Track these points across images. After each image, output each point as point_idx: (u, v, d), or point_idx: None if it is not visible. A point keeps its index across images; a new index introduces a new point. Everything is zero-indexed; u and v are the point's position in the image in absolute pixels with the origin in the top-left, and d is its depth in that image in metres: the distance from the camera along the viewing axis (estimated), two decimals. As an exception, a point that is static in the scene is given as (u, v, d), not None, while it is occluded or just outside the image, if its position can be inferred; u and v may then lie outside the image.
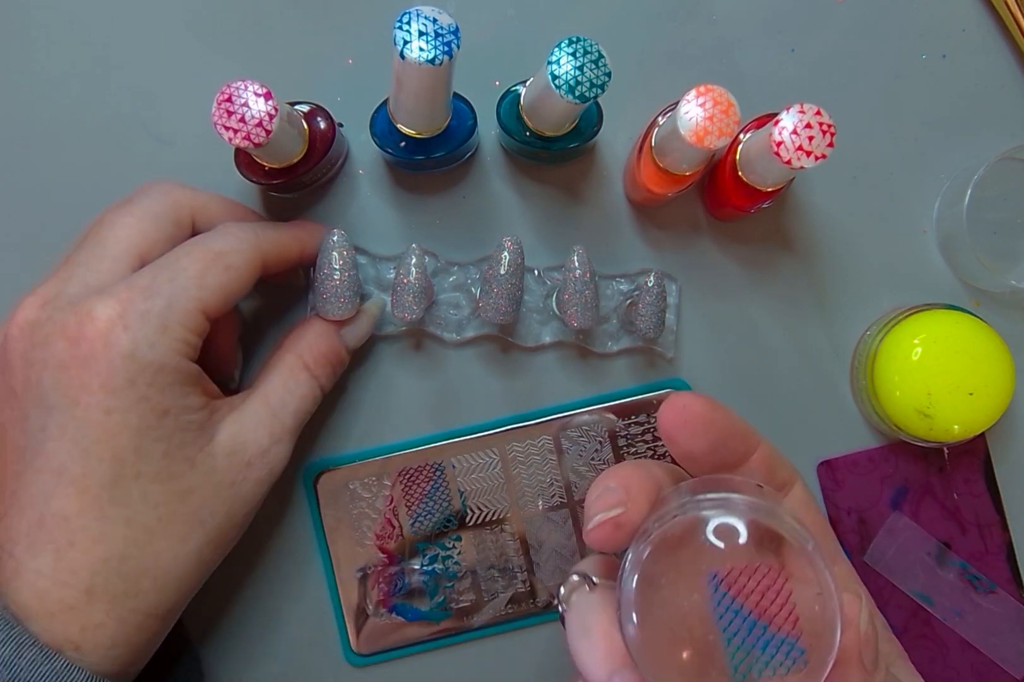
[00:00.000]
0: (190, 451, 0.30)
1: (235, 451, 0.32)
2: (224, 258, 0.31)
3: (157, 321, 0.29)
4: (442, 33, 0.29)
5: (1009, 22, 0.42)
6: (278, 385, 0.34)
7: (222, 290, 0.31)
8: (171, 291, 0.30)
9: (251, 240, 0.33)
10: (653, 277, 0.39)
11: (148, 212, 0.33)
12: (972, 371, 0.40)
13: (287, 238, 0.35)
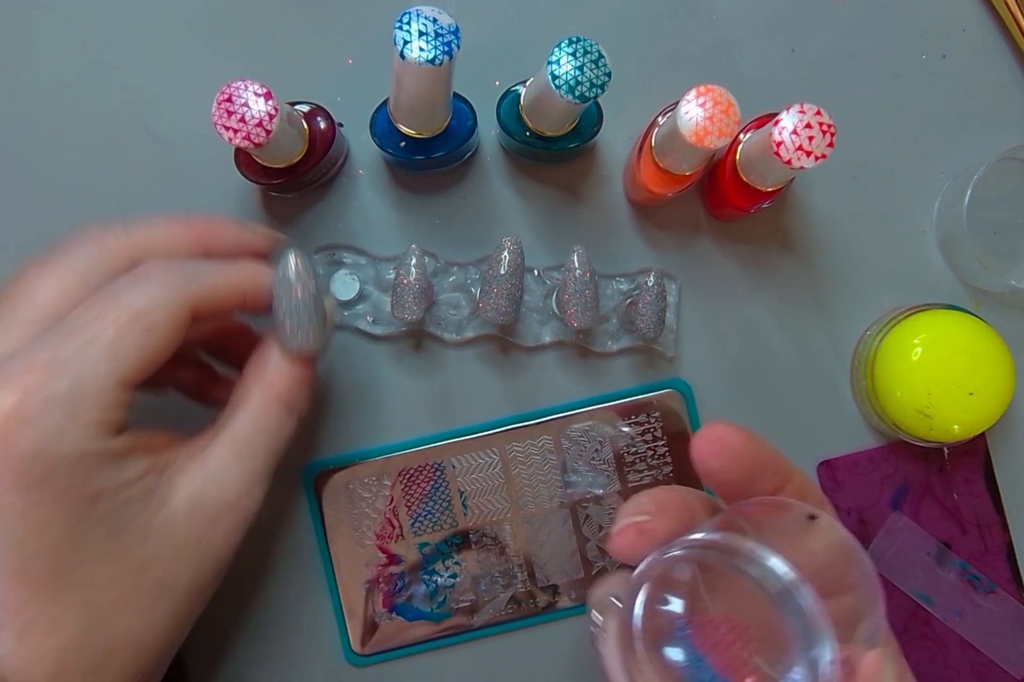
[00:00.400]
0: (139, 522, 0.27)
1: (196, 509, 0.28)
2: (143, 318, 0.27)
3: (64, 408, 0.25)
4: (442, 33, 0.29)
5: (1009, 22, 0.42)
6: (246, 425, 0.30)
7: (141, 357, 0.27)
8: (79, 368, 0.26)
9: (178, 288, 0.28)
10: (653, 276, 0.39)
11: (74, 266, 0.29)
12: (972, 371, 0.40)
13: (226, 280, 0.30)
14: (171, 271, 0.28)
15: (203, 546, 0.29)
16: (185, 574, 0.28)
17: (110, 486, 0.26)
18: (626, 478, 0.42)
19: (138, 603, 0.27)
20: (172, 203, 0.41)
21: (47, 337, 0.27)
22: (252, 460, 0.30)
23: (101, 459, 0.26)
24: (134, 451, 0.27)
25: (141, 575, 0.27)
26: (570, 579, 0.42)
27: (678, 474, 0.42)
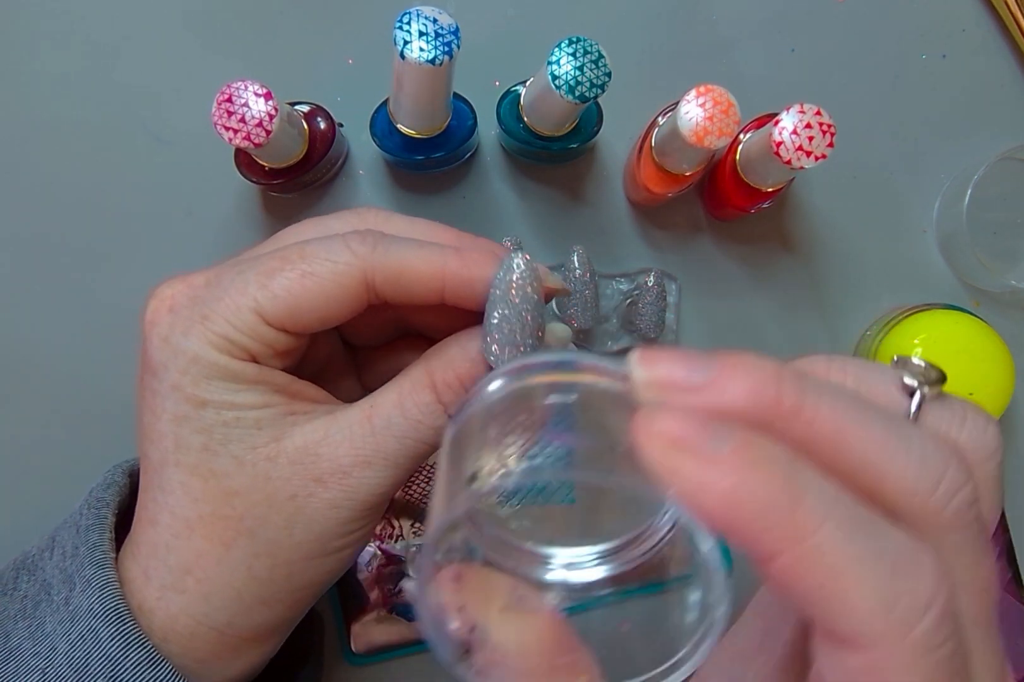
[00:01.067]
0: (237, 449, 0.26)
1: (302, 461, 0.26)
2: (307, 262, 0.26)
3: (201, 309, 0.26)
4: (442, 33, 0.29)
5: (1009, 22, 0.42)
6: (391, 400, 0.27)
7: (288, 298, 0.26)
8: (230, 283, 0.26)
9: (360, 252, 0.26)
10: (653, 276, 0.39)
11: (328, 227, 0.29)
12: (972, 371, 0.40)
13: (423, 259, 0.27)
14: (365, 234, 0.27)
15: (299, 502, 0.26)
16: (273, 523, 0.26)
17: (217, 400, 0.26)
18: (626, 478, 0.42)
19: (216, 532, 0.26)
20: (172, 203, 0.41)
21: (245, 256, 0.28)
22: (381, 437, 0.27)
23: (215, 371, 0.26)
24: (260, 383, 0.27)
25: (226, 504, 0.26)
26: (570, 579, 0.42)
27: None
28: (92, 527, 0.28)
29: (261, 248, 0.29)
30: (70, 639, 0.26)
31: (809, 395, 0.18)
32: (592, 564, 0.24)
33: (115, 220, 0.42)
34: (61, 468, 0.42)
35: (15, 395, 0.42)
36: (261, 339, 0.26)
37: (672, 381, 0.18)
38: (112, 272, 0.42)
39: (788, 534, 0.16)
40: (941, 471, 0.18)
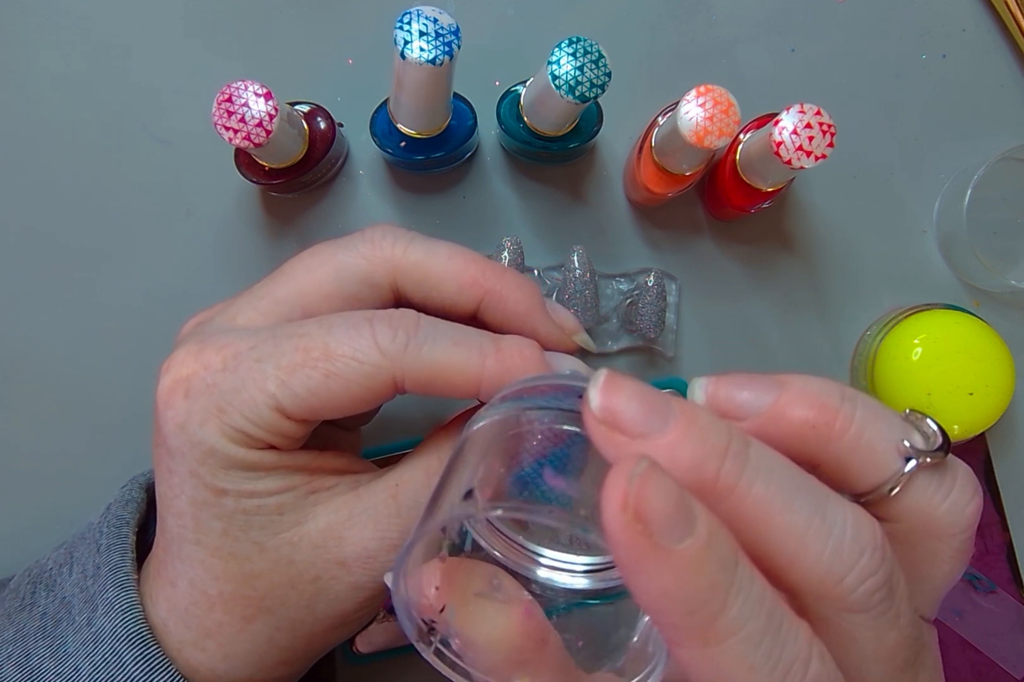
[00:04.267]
0: (259, 536, 0.25)
1: (325, 545, 0.25)
2: (331, 362, 0.24)
3: (217, 400, 0.25)
4: (443, 33, 0.29)
5: (1009, 22, 0.42)
6: (418, 479, 0.26)
7: (310, 398, 0.24)
8: (250, 375, 0.25)
9: (391, 352, 0.24)
10: (653, 276, 0.39)
11: (337, 259, 0.27)
12: (972, 371, 0.40)
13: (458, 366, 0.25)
14: (399, 328, 0.25)
15: (323, 585, 0.26)
16: (295, 603, 0.26)
17: (236, 490, 0.25)
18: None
19: (236, 608, 0.26)
20: (172, 203, 0.41)
21: (264, 330, 0.26)
22: (408, 519, 0.26)
23: (230, 463, 0.25)
24: (278, 469, 0.26)
25: (247, 585, 0.26)
26: (570, 579, 0.42)
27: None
28: (113, 547, 0.28)
29: (269, 285, 0.27)
30: (93, 662, 0.26)
31: (747, 474, 0.18)
32: (579, 572, 0.24)
33: (115, 220, 0.42)
34: (61, 469, 0.42)
35: (15, 395, 0.42)
36: (280, 432, 0.25)
37: (624, 419, 0.19)
38: (112, 272, 0.42)
39: (700, 636, 0.17)
40: (854, 560, 0.19)
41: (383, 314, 0.25)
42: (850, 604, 0.19)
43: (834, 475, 0.21)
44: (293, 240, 0.42)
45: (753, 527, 0.18)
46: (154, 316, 0.41)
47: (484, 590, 0.24)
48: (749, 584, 0.17)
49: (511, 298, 0.27)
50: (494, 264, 0.27)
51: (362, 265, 0.27)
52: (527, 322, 0.28)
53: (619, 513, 0.16)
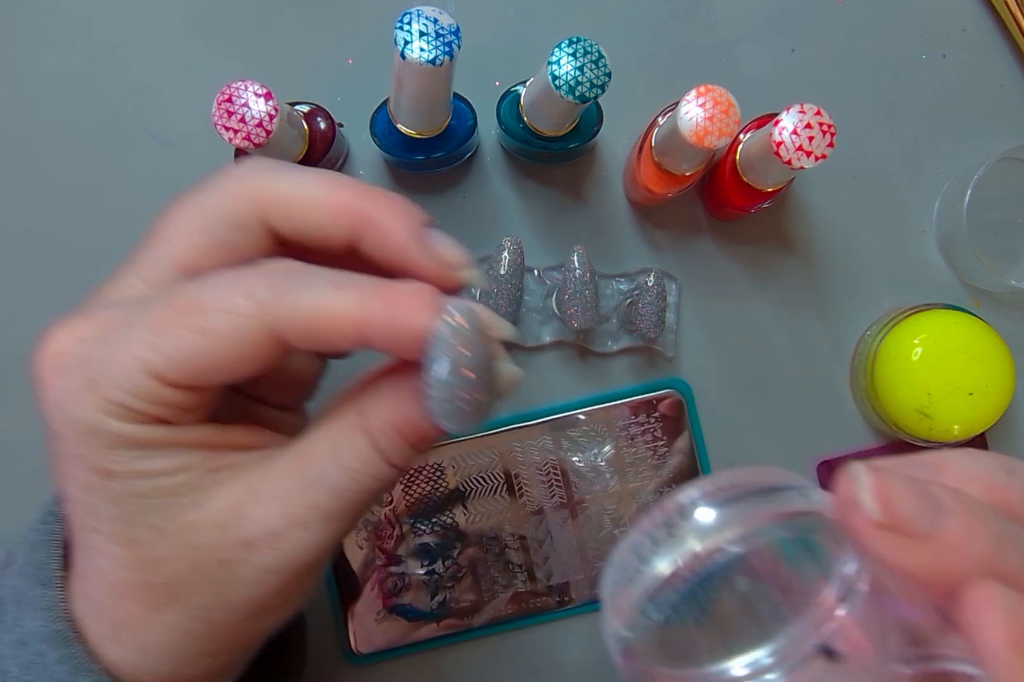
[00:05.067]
0: (157, 520, 0.23)
1: (228, 525, 0.24)
2: (202, 316, 0.22)
3: (90, 373, 0.23)
4: (443, 33, 0.29)
5: (1009, 22, 0.42)
6: (322, 449, 0.24)
7: (184, 359, 0.22)
8: (118, 341, 0.23)
9: (264, 300, 0.22)
10: (653, 276, 0.39)
11: (199, 205, 0.25)
12: (972, 371, 0.40)
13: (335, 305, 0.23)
14: (272, 276, 0.23)
15: (232, 568, 0.24)
16: (204, 590, 0.24)
17: (124, 470, 0.23)
18: (626, 478, 0.42)
19: (145, 597, 0.24)
20: (172, 203, 0.41)
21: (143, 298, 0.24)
22: (313, 492, 0.24)
23: (117, 441, 0.23)
24: (173, 445, 0.24)
25: (151, 572, 0.24)
26: (570, 579, 0.42)
27: (678, 475, 0.42)
28: (41, 543, 0.27)
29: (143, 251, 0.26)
30: (21, 663, 0.25)
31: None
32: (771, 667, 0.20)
33: (115, 220, 0.42)
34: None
35: (14, 396, 0.42)
36: (163, 401, 0.23)
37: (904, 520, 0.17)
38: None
39: None
40: None
41: (257, 265, 0.24)
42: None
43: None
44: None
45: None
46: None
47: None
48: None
49: (388, 226, 0.24)
50: (369, 188, 0.25)
51: (225, 205, 0.25)
52: (406, 254, 0.25)
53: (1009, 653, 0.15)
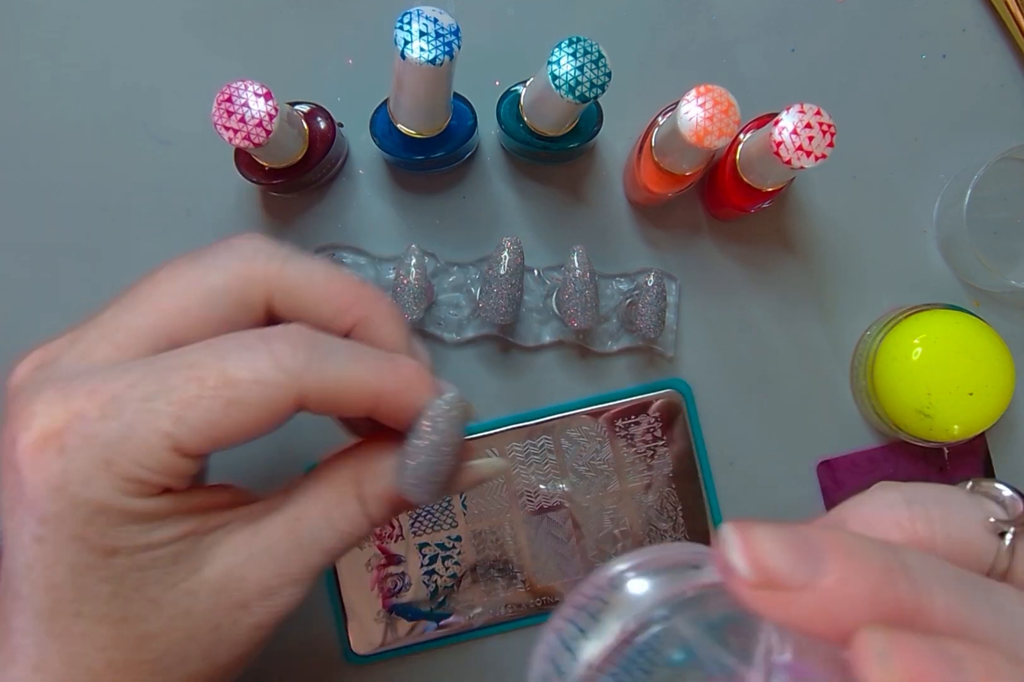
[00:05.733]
0: (155, 592, 0.23)
1: (226, 589, 0.24)
2: (232, 389, 0.22)
3: (102, 453, 0.22)
4: (443, 33, 0.29)
5: (1009, 22, 0.42)
6: (317, 511, 0.25)
7: (211, 430, 0.22)
8: (138, 417, 0.22)
9: (294, 371, 0.23)
10: (653, 276, 0.39)
11: (206, 282, 0.25)
12: (972, 371, 0.40)
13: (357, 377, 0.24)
14: (298, 344, 0.23)
15: (223, 632, 0.24)
16: (193, 657, 0.24)
17: (128, 546, 0.23)
18: (626, 478, 0.42)
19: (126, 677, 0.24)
20: (172, 203, 0.41)
21: (136, 366, 0.23)
22: (307, 553, 0.25)
23: (124, 518, 0.23)
24: (173, 514, 0.24)
25: (141, 649, 0.24)
26: (570, 579, 0.42)
27: (677, 475, 0.42)
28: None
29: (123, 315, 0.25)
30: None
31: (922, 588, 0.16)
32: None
33: (115, 220, 0.42)
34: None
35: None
36: (176, 472, 0.23)
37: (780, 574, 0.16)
38: (112, 272, 0.42)
39: None
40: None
41: (276, 331, 0.24)
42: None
43: None
44: (293, 240, 0.42)
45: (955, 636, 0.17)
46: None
47: None
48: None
49: (382, 329, 0.26)
50: (370, 290, 0.26)
51: (235, 286, 0.25)
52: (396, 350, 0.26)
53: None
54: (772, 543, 0.16)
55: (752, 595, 0.16)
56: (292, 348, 0.23)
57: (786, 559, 0.16)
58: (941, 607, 0.16)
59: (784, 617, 0.16)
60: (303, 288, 0.25)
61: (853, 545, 0.17)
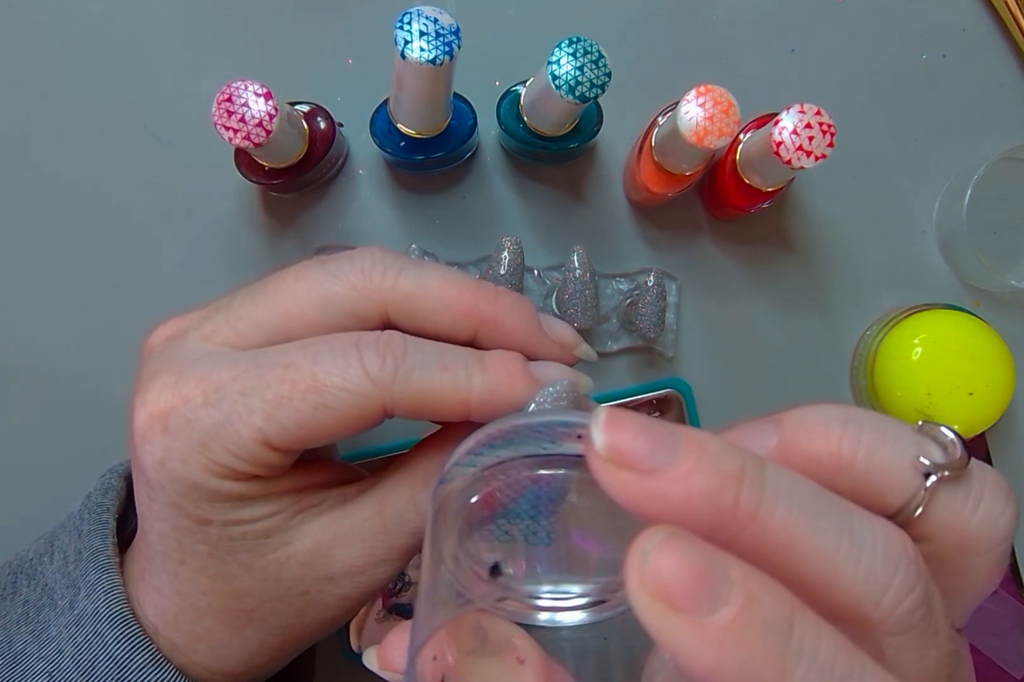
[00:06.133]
0: (245, 558, 0.25)
1: (314, 563, 0.26)
2: (320, 394, 0.23)
3: (199, 437, 0.24)
4: (443, 33, 0.29)
5: (1009, 22, 0.42)
6: (403, 494, 0.26)
7: (298, 429, 0.24)
8: (234, 409, 0.24)
9: (380, 379, 0.24)
10: (653, 276, 0.39)
11: (325, 289, 0.25)
12: (972, 371, 0.40)
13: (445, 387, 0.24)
14: (387, 355, 0.24)
15: (312, 596, 0.26)
16: (285, 613, 0.26)
17: (220, 519, 0.25)
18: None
19: (226, 618, 0.26)
20: (172, 203, 0.41)
21: (244, 358, 0.25)
22: (394, 535, 0.26)
23: (215, 496, 0.24)
24: (263, 496, 0.25)
25: (236, 599, 0.26)
26: (570, 579, 0.42)
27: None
28: (94, 532, 0.28)
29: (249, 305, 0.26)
30: (76, 642, 0.26)
31: (766, 499, 0.17)
32: (580, 606, 0.22)
33: (115, 220, 0.42)
34: (58, 469, 0.42)
35: (13, 396, 0.42)
36: (266, 463, 0.24)
37: (632, 454, 0.17)
38: (113, 272, 0.42)
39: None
40: (889, 579, 0.17)
41: (369, 338, 0.24)
42: (890, 627, 0.18)
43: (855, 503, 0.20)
44: (293, 240, 0.42)
45: (781, 554, 0.17)
46: (154, 316, 0.41)
47: (475, 646, 0.23)
48: (814, 644, 0.16)
49: (507, 324, 0.26)
50: (487, 289, 0.26)
51: (351, 296, 0.25)
52: (525, 346, 0.27)
53: (638, 593, 0.15)
54: (636, 427, 0.18)
55: (602, 467, 0.18)
56: (380, 357, 0.24)
57: (643, 444, 0.17)
58: (778, 519, 0.17)
59: (623, 495, 0.17)
60: (417, 299, 0.25)
61: (712, 447, 0.18)
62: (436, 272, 0.26)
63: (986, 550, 0.20)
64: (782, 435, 0.21)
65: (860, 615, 0.18)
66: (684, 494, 0.17)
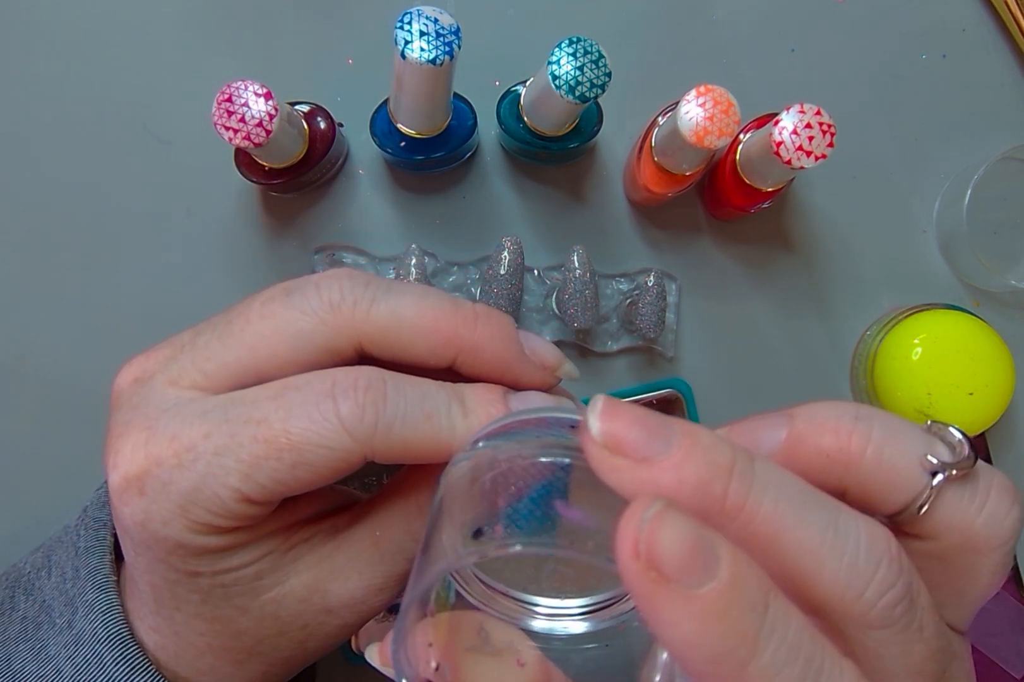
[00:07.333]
0: (240, 601, 0.25)
1: (311, 598, 0.25)
2: (298, 453, 0.23)
3: (177, 499, 0.23)
4: (443, 33, 0.29)
5: (1009, 22, 0.42)
6: (397, 523, 0.26)
7: (277, 486, 0.23)
8: (209, 471, 0.23)
9: (360, 434, 0.23)
10: (653, 276, 0.39)
11: (295, 327, 0.24)
12: (972, 371, 0.40)
13: (426, 436, 0.24)
14: (368, 407, 0.23)
15: (310, 630, 0.26)
16: (285, 646, 0.26)
17: (208, 571, 0.24)
18: (626, 478, 0.42)
19: (226, 657, 0.26)
20: (172, 203, 0.41)
21: (215, 412, 0.24)
22: (392, 564, 0.26)
23: (200, 550, 0.24)
24: (249, 543, 0.25)
25: (235, 639, 0.26)
26: (570, 579, 0.42)
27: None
28: (92, 549, 0.28)
29: (216, 345, 0.25)
30: (75, 663, 0.26)
31: (755, 491, 0.18)
32: (577, 616, 0.23)
33: (115, 220, 0.42)
34: (58, 469, 0.42)
35: (12, 395, 0.42)
36: (248, 515, 0.24)
37: (626, 442, 0.18)
38: (113, 272, 0.42)
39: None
40: (870, 574, 0.18)
41: (346, 383, 0.23)
42: (872, 620, 0.18)
43: (862, 499, 0.21)
44: (293, 240, 0.42)
45: (766, 546, 0.18)
46: (154, 315, 0.42)
47: (475, 643, 0.23)
48: (784, 626, 0.16)
49: (487, 352, 0.25)
50: (465, 314, 0.25)
51: (322, 332, 0.24)
52: (505, 375, 0.26)
53: (631, 561, 0.16)
54: (631, 417, 0.18)
55: (597, 453, 0.18)
56: (360, 409, 0.23)
57: (637, 432, 0.18)
58: (765, 511, 0.18)
59: (616, 480, 0.18)
60: (392, 331, 0.24)
61: (705, 440, 0.18)
62: (411, 299, 0.25)
63: (990, 550, 0.20)
64: (792, 429, 0.21)
65: (842, 608, 0.18)
66: (675, 483, 0.18)
